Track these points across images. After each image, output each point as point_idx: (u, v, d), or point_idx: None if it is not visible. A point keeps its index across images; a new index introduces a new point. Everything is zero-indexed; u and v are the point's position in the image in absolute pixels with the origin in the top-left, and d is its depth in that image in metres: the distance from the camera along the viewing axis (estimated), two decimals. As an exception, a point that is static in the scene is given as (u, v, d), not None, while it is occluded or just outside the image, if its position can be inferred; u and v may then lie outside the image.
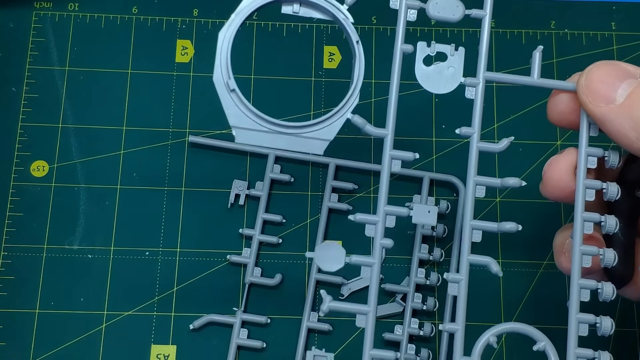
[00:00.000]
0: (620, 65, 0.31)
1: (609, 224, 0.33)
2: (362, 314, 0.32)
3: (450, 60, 0.33)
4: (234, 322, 0.44)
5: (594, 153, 0.33)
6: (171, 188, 0.47)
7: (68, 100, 0.49)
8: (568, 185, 0.33)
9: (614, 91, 0.30)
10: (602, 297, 0.33)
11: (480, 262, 0.33)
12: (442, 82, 0.33)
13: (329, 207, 0.47)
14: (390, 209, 0.33)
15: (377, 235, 0.33)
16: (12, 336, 0.44)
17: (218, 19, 0.51)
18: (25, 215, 0.46)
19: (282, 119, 0.49)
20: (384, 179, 0.33)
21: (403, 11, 0.33)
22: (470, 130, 0.34)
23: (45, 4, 0.51)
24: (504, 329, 0.33)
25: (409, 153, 0.34)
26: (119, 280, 0.45)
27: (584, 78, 0.32)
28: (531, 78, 0.34)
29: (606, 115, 0.31)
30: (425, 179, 0.47)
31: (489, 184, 0.34)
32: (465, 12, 0.33)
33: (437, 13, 0.33)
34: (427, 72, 0.33)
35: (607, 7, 0.52)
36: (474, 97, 0.34)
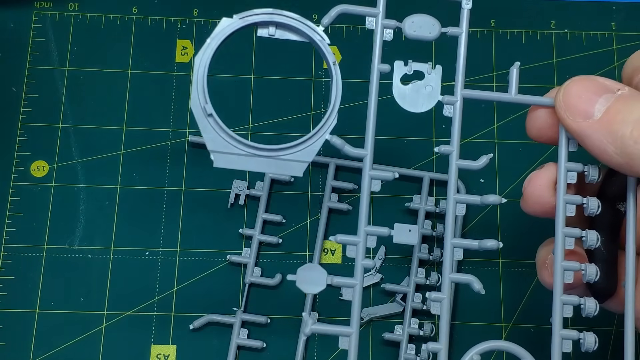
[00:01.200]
0: (597, 80, 0.31)
1: (590, 239, 0.33)
2: (345, 336, 0.32)
3: (427, 79, 0.33)
4: (234, 322, 0.44)
5: (574, 168, 0.33)
6: (171, 188, 0.47)
7: (68, 100, 0.49)
8: (548, 200, 0.33)
9: (591, 106, 0.30)
10: (584, 312, 0.33)
11: (462, 280, 0.33)
12: (420, 101, 0.33)
13: (329, 207, 0.47)
14: (371, 229, 0.33)
15: (358, 256, 0.32)
16: (12, 336, 0.44)
17: (218, 19, 0.51)
18: (25, 215, 0.46)
19: (281, 119, 0.49)
20: (364, 199, 0.33)
21: (379, 31, 0.33)
22: (449, 148, 0.34)
23: (45, 4, 0.51)
24: (489, 346, 0.32)
25: (388, 173, 0.33)
26: (119, 280, 0.45)
27: (561, 93, 0.32)
28: (509, 95, 0.34)
29: (584, 130, 0.31)
30: (425, 179, 0.47)
31: (468, 201, 0.33)
32: (441, 30, 0.33)
33: (414, 32, 0.33)
34: (404, 91, 0.33)
35: (607, 7, 0.52)
36: (452, 114, 0.34)
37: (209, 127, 0.32)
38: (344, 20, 0.51)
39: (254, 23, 0.33)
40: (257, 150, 0.32)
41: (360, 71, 0.50)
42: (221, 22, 0.33)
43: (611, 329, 0.45)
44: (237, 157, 0.32)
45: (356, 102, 0.50)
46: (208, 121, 0.32)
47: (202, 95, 0.32)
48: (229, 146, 0.32)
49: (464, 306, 0.45)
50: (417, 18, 0.33)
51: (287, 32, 0.33)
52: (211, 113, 0.32)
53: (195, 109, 0.32)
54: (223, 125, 0.32)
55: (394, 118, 0.50)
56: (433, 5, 0.51)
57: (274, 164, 0.32)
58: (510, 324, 0.45)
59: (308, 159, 0.33)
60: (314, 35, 0.33)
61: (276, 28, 0.33)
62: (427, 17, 0.33)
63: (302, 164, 0.33)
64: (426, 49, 0.34)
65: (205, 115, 0.32)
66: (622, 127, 0.29)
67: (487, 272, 0.46)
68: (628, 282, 0.33)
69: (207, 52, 0.33)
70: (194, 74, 0.32)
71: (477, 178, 0.48)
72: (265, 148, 0.32)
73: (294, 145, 0.32)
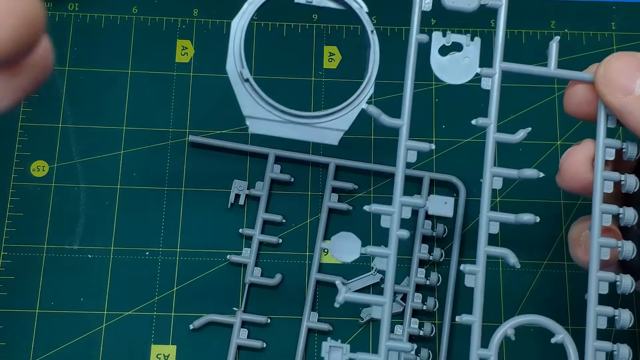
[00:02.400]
0: (639, 55, 0.31)
1: (627, 216, 0.33)
2: (379, 305, 0.32)
3: (465, 51, 0.33)
4: (234, 322, 0.44)
5: (612, 145, 0.33)
6: (171, 188, 0.47)
7: (68, 100, 0.49)
8: (585, 176, 0.33)
9: (632, 82, 0.30)
10: (620, 289, 0.33)
11: (497, 254, 0.33)
12: (457, 73, 0.33)
13: (329, 207, 0.47)
14: (406, 199, 0.33)
15: (393, 226, 0.33)
16: (12, 336, 0.44)
17: (218, 19, 0.51)
18: (25, 215, 0.46)
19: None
20: (399, 170, 0.33)
21: (418, 1, 0.33)
22: (487, 121, 0.33)
23: (45, 4, 0.51)
24: (522, 321, 0.32)
25: (424, 144, 0.33)
26: (119, 280, 0.45)
27: (602, 68, 0.31)
28: (548, 69, 0.34)
29: (625, 106, 0.30)
30: (425, 179, 0.47)
31: (506, 175, 0.33)
32: (481, 2, 0.33)
33: (452, 3, 0.33)
34: (442, 63, 0.33)
35: (607, 7, 0.52)
36: (490, 87, 0.33)
37: (245, 92, 0.33)
38: (344, 20, 0.51)
39: None
40: (293, 117, 0.32)
41: (360, 71, 0.50)
42: None
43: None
44: (273, 123, 0.32)
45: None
46: (244, 86, 0.33)
47: (238, 60, 0.32)
48: (265, 112, 0.32)
49: (464, 306, 0.45)
50: None
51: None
52: (248, 78, 0.32)
53: (232, 74, 0.33)
54: (260, 90, 0.32)
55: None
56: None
57: (309, 131, 0.33)
58: (510, 324, 0.45)
59: (344, 127, 0.33)
60: (352, 3, 0.33)
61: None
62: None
63: (338, 132, 0.33)
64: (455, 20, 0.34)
65: (242, 81, 0.32)
66: None
67: (487, 272, 0.46)
68: None
69: (245, 17, 0.33)
70: (230, 40, 0.32)
71: (478, 177, 0.48)
72: (302, 115, 0.32)
73: (330, 113, 0.33)
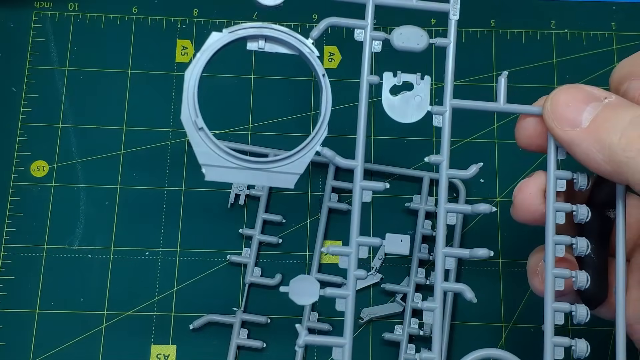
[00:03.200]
0: (584, 88, 0.31)
1: (580, 246, 0.33)
2: (338, 347, 0.32)
3: (416, 89, 0.34)
4: (234, 322, 0.44)
5: (563, 176, 0.33)
6: (171, 188, 0.47)
7: (68, 100, 0.49)
8: (538, 208, 0.33)
9: (579, 115, 0.30)
10: (576, 320, 0.33)
11: (454, 289, 0.33)
12: (409, 111, 0.34)
13: (329, 207, 0.47)
14: (362, 240, 0.33)
15: (350, 267, 0.32)
16: (12, 336, 0.44)
17: (218, 19, 0.51)
18: (25, 215, 0.46)
19: (281, 119, 0.49)
20: (355, 211, 0.33)
21: (368, 43, 0.34)
22: (439, 158, 0.33)
23: (45, 4, 0.51)
24: (481, 354, 0.32)
25: (379, 184, 0.33)
26: (119, 280, 0.45)
27: (549, 102, 0.32)
28: (497, 104, 0.34)
29: (573, 139, 0.31)
30: (425, 179, 0.47)
31: (460, 210, 0.33)
32: (429, 41, 0.33)
33: (402, 43, 0.33)
34: (394, 102, 0.33)
35: (607, 7, 0.52)
36: (441, 125, 0.34)
37: (200, 140, 0.32)
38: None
39: (243, 37, 0.33)
40: (248, 163, 0.32)
41: (360, 71, 0.50)
42: (211, 36, 0.33)
43: (611, 329, 0.45)
44: (229, 170, 0.32)
45: (356, 102, 0.50)
46: (199, 135, 0.32)
47: (192, 109, 0.32)
48: (220, 159, 0.32)
49: (464, 306, 0.45)
50: (405, 30, 0.33)
51: (277, 45, 0.34)
52: (202, 127, 0.32)
53: (186, 123, 0.32)
54: (214, 138, 0.32)
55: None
56: (420, 14, 0.52)
57: (265, 176, 0.32)
58: (510, 324, 0.45)
59: (299, 171, 0.33)
60: (303, 48, 0.33)
61: (265, 41, 0.34)
62: (415, 28, 0.33)
63: (294, 175, 0.33)
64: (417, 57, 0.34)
65: (197, 129, 0.32)
66: (610, 135, 0.29)
67: (487, 272, 0.46)
68: (618, 288, 0.33)
69: (198, 66, 0.33)
70: (184, 88, 0.32)
71: (478, 178, 0.48)
72: (257, 161, 0.32)
73: (285, 157, 0.33)
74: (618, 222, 0.33)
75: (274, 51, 0.34)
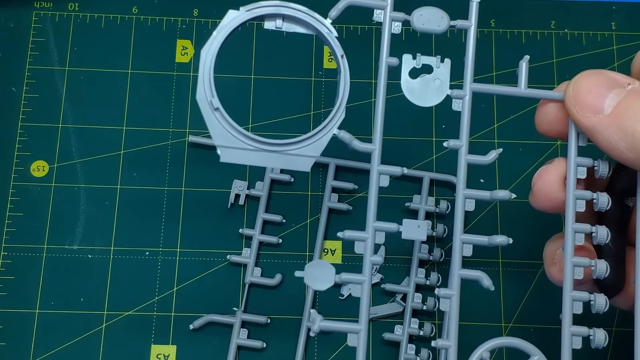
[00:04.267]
0: (607, 74, 0.31)
1: (600, 235, 0.33)
2: (354, 333, 0.32)
3: (436, 72, 0.33)
4: (234, 322, 0.44)
5: (584, 163, 0.33)
6: (171, 188, 0.47)
7: (68, 100, 0.49)
8: (558, 196, 0.33)
9: (602, 101, 0.30)
10: (594, 309, 0.33)
11: (471, 277, 0.33)
12: (428, 95, 0.33)
13: (329, 207, 0.47)
14: (379, 225, 0.32)
15: (366, 253, 0.32)
16: (12, 336, 0.44)
17: (218, 19, 0.51)
18: (25, 215, 0.46)
19: (281, 119, 0.49)
20: (372, 195, 0.33)
21: (387, 24, 0.33)
22: (458, 142, 0.33)
23: (45, 4, 0.51)
24: (497, 343, 0.32)
25: (397, 168, 0.33)
26: (119, 280, 0.45)
27: (571, 88, 0.31)
28: (518, 88, 0.33)
29: (595, 125, 0.30)
30: (425, 179, 0.47)
31: (478, 196, 0.33)
32: (450, 23, 0.33)
33: (422, 25, 0.33)
34: (413, 85, 0.33)
35: (607, 7, 0.52)
36: (461, 109, 0.33)
37: (215, 121, 0.32)
38: (344, 19, 0.51)
39: (261, 15, 0.32)
40: (264, 145, 0.32)
41: (360, 71, 0.50)
42: (227, 15, 0.32)
43: (611, 328, 0.45)
44: (244, 152, 0.32)
45: (356, 102, 0.50)
46: (215, 115, 0.32)
47: (208, 89, 0.32)
48: (236, 141, 0.32)
49: (464, 306, 0.45)
50: (426, 11, 0.33)
51: (295, 24, 0.33)
52: (218, 107, 0.32)
53: (202, 103, 0.32)
54: (230, 119, 0.32)
55: (394, 118, 0.50)
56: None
57: (281, 159, 0.32)
58: (510, 324, 0.45)
59: (316, 154, 0.32)
60: (321, 28, 0.33)
61: (283, 21, 0.33)
62: (436, 9, 0.33)
63: (310, 159, 0.32)
64: (431, 43, 0.34)
65: (212, 110, 0.32)
66: (633, 123, 0.29)
67: (487, 272, 0.46)
68: (638, 277, 0.32)
69: (214, 45, 0.32)
70: (200, 68, 0.32)
71: (478, 178, 0.48)
72: (273, 143, 0.32)
73: (301, 140, 0.32)
74: (639, 210, 0.32)
75: (292, 31, 0.33)
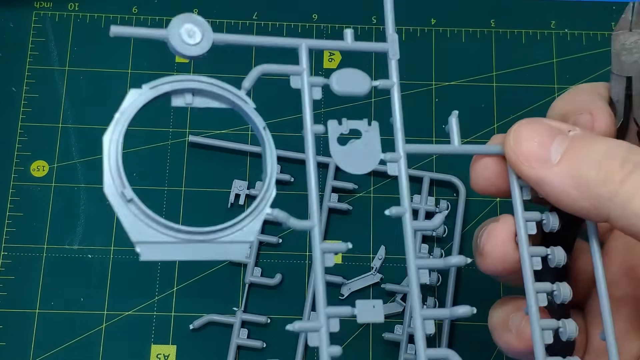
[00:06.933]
0: (546, 122, 0.29)
1: (564, 293, 0.29)
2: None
3: (365, 136, 0.30)
4: (234, 322, 0.44)
5: (532, 218, 0.30)
6: (171, 188, 0.47)
7: (68, 100, 0.49)
8: (513, 256, 0.29)
9: (547, 150, 0.28)
10: None
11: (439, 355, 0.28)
12: (360, 161, 0.30)
13: (329, 207, 0.47)
14: (331, 310, 0.27)
15: (322, 345, 0.27)
16: (12, 336, 0.44)
17: (218, 19, 0.51)
18: (25, 215, 0.46)
19: (281, 119, 0.49)
20: (319, 279, 0.28)
21: (306, 90, 0.30)
22: (401, 210, 0.29)
23: (45, 4, 0.51)
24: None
25: (341, 245, 0.29)
26: (119, 280, 0.45)
27: (511, 139, 0.29)
28: (452, 146, 0.30)
29: (543, 177, 0.28)
30: (425, 179, 0.47)
31: (431, 266, 0.29)
32: (372, 84, 0.30)
33: (342, 88, 0.30)
34: (342, 152, 0.29)
35: (607, 7, 0.52)
36: (397, 173, 0.29)
37: (130, 214, 0.28)
38: (344, 19, 0.51)
39: (167, 92, 0.29)
40: (191, 235, 0.27)
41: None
42: (130, 94, 0.29)
43: None
44: (168, 245, 0.27)
45: (356, 102, 0.50)
46: (128, 208, 0.28)
47: (118, 179, 0.28)
48: (157, 234, 0.27)
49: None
50: (345, 73, 0.30)
51: (207, 98, 0.30)
52: (131, 198, 0.27)
53: (111, 196, 0.28)
54: (147, 209, 0.27)
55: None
56: (419, 13, 0.51)
57: (212, 249, 0.28)
58: (510, 324, 0.45)
59: (250, 239, 0.28)
60: (236, 100, 0.30)
61: (193, 96, 0.29)
62: (355, 71, 0.30)
63: (244, 245, 0.28)
64: None
65: (125, 202, 0.28)
66: (586, 169, 0.27)
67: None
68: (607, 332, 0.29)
69: (118, 129, 0.29)
70: (104, 157, 0.28)
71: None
72: (200, 232, 0.28)
73: (232, 225, 0.28)
74: (595, 262, 0.29)
75: (204, 106, 0.29)
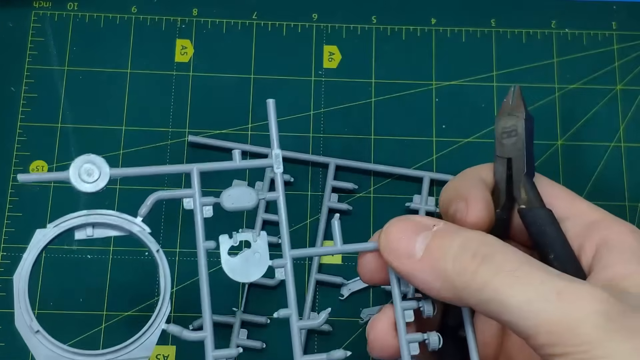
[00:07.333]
0: (414, 218, 0.32)
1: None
2: None
3: (254, 246, 0.33)
4: (234, 322, 0.44)
5: (410, 306, 0.32)
6: (171, 188, 0.47)
7: (67, 100, 0.49)
8: (392, 343, 0.32)
9: (412, 246, 0.31)
10: None
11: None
12: (250, 270, 0.33)
13: (329, 207, 0.47)
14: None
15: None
16: (12, 336, 0.44)
17: (218, 19, 0.51)
18: (25, 215, 0.46)
19: (281, 119, 0.49)
20: None
21: (198, 210, 0.33)
22: (287, 311, 0.33)
23: (44, 4, 0.51)
24: None
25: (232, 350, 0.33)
26: (118, 280, 0.45)
27: (383, 237, 0.32)
28: (335, 247, 0.33)
29: (409, 270, 0.30)
30: (425, 179, 0.47)
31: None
32: (259, 198, 0.33)
33: (232, 204, 0.33)
34: (234, 263, 0.33)
35: (608, 7, 0.52)
36: (284, 277, 0.33)
37: (38, 344, 0.31)
38: (344, 19, 0.51)
39: (70, 228, 0.32)
40: (94, 357, 0.32)
41: (359, 71, 0.50)
42: (35, 234, 0.32)
43: None
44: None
45: (356, 102, 0.50)
46: (37, 338, 0.31)
47: (26, 312, 0.31)
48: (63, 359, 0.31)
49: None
50: (234, 190, 0.33)
51: (107, 229, 0.33)
52: (38, 329, 0.31)
53: (22, 328, 0.31)
54: (52, 339, 0.31)
55: (394, 118, 0.50)
56: (419, 13, 0.52)
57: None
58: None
59: (148, 354, 0.32)
60: (132, 227, 0.33)
61: (94, 228, 0.33)
62: (243, 188, 0.33)
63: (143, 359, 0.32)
64: None
65: (33, 333, 0.31)
66: (443, 263, 0.29)
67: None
68: None
69: (26, 267, 0.32)
70: (14, 292, 0.31)
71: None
72: (103, 353, 0.32)
73: (131, 343, 0.32)
74: (470, 343, 0.32)
75: (104, 236, 0.33)
